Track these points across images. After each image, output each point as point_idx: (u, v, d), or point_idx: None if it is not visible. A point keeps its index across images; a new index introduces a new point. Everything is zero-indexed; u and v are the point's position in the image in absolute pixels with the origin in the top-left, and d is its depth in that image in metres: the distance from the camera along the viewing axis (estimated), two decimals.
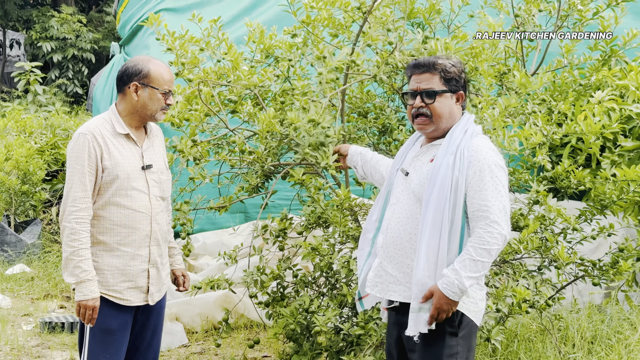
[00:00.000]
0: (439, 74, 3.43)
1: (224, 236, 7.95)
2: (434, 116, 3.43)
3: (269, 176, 5.32)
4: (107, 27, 22.67)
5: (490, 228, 3.22)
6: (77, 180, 3.74)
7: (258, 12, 8.94)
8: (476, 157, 3.30)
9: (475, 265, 3.22)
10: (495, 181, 3.27)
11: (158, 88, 3.86)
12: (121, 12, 10.71)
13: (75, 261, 3.70)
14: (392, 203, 3.55)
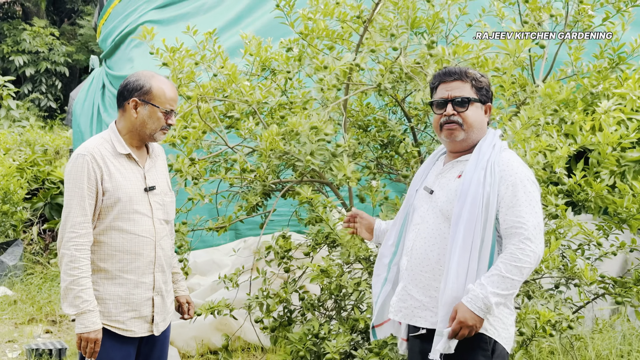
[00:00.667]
0: (470, 82, 3.30)
1: (215, 254, 7.73)
2: (466, 124, 3.27)
3: (267, 194, 5.14)
4: (80, 40, 22.37)
5: (524, 245, 3.06)
6: (76, 204, 3.51)
7: (246, 22, 8.76)
8: (508, 171, 3.15)
9: (503, 282, 3.04)
10: (529, 197, 3.12)
11: (159, 106, 3.63)
12: (102, 25, 10.46)
13: (75, 291, 3.47)
14: (416, 223, 3.37)
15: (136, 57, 9.06)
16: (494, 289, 3.03)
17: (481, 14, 5.65)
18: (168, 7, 9.50)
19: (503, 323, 3.20)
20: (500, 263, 3.06)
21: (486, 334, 3.15)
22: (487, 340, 3.15)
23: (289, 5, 5.00)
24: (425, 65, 4.66)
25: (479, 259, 3.12)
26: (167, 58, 4.84)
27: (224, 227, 4.98)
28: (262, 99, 4.69)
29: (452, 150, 3.38)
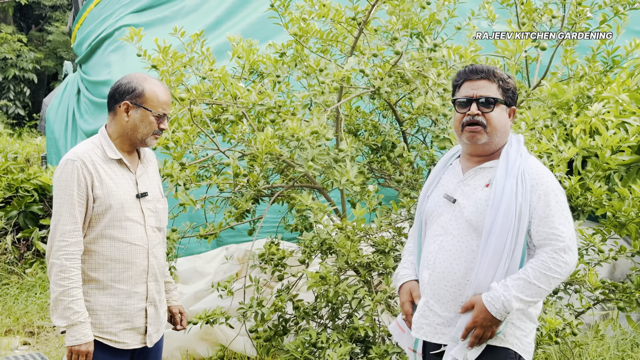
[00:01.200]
0: (497, 83, 3.14)
1: (196, 262, 7.58)
2: (490, 126, 3.11)
3: (257, 200, 5.03)
4: (49, 46, 22.10)
5: (557, 255, 2.93)
6: (65, 211, 3.36)
7: (226, 26, 8.67)
8: (538, 180, 3.03)
9: (529, 288, 2.91)
10: (561, 206, 3.00)
11: (151, 110, 3.49)
12: (77, 30, 10.28)
13: (65, 302, 3.32)
14: (437, 234, 3.18)
15: (114, 62, 8.91)
16: (518, 294, 2.91)
17: (470, 17, 5.60)
18: (146, 11, 9.37)
19: (527, 336, 3.08)
20: (530, 268, 2.93)
21: (512, 348, 3.02)
22: (513, 355, 3.03)
23: (283, 6, 4.88)
24: (425, 69, 4.58)
25: (505, 272, 2.98)
26: (157, 60, 4.69)
27: (214, 234, 4.84)
28: (258, 101, 4.56)
29: (471, 154, 3.22)
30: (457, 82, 3.25)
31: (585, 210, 4.58)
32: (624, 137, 4.56)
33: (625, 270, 6.46)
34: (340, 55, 5.36)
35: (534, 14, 5.07)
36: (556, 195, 3.01)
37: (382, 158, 5.26)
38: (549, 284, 2.93)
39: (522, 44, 4.10)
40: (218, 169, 5.30)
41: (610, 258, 4.53)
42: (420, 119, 5.43)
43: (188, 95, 4.65)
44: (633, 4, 4.90)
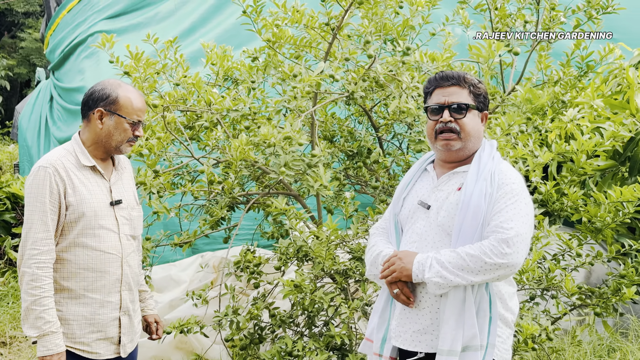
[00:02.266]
0: (468, 88, 3.15)
1: (171, 270, 7.52)
2: (463, 132, 3.11)
3: (232, 207, 4.99)
4: (21, 53, 21.91)
5: (497, 244, 2.88)
6: (37, 219, 3.30)
7: (200, 33, 8.64)
8: (505, 180, 3.02)
9: (457, 261, 2.89)
10: (519, 207, 2.96)
11: (125, 117, 3.44)
12: (50, 36, 10.18)
13: (37, 311, 3.26)
14: (412, 241, 3.17)
15: (87, 68, 8.84)
16: (445, 261, 2.91)
17: (445, 23, 5.60)
18: (119, 18, 9.31)
19: (504, 342, 3.07)
20: (467, 246, 2.92)
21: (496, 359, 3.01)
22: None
23: (255, 12, 4.85)
24: (399, 73, 4.56)
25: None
26: (129, 66, 4.64)
27: (189, 242, 4.79)
28: (232, 107, 4.52)
29: (445, 160, 3.21)
30: (428, 90, 3.24)
31: (561, 215, 4.58)
32: (599, 141, 4.56)
33: (601, 275, 6.48)
34: (315, 61, 5.34)
35: (508, 19, 5.08)
36: (517, 196, 2.98)
37: (358, 164, 5.24)
38: (477, 267, 2.88)
39: (495, 49, 4.09)
40: (193, 177, 5.25)
41: (587, 263, 4.53)
42: (396, 124, 5.43)
43: (161, 102, 4.60)
44: (606, 8, 4.92)
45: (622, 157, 5.94)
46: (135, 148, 4.44)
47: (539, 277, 4.23)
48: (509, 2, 5.17)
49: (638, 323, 5.87)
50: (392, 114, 4.76)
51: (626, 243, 4.71)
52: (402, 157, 5.10)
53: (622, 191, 4.41)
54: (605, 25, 5.23)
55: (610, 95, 6.53)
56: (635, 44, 7.47)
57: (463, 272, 2.88)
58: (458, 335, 2.94)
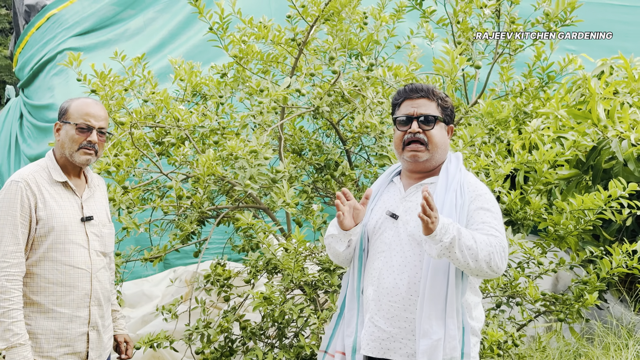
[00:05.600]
0: (436, 101, 3.20)
1: (144, 286, 7.52)
2: (431, 144, 3.16)
3: (202, 222, 5.02)
4: None
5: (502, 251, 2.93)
6: (7, 232, 3.34)
7: (169, 49, 8.66)
8: (478, 192, 3.10)
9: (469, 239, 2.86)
10: (498, 218, 3.06)
11: (71, 122, 3.48)
12: (19, 53, 10.15)
13: (5, 323, 3.28)
14: (381, 251, 3.20)
15: (56, 85, 8.82)
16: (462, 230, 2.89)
17: (409, 36, 5.69)
18: (89, 35, 9.31)
19: (474, 352, 3.11)
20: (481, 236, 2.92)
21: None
22: None
23: (222, 29, 4.90)
24: (363, 88, 4.64)
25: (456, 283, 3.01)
26: (96, 84, 4.68)
27: (160, 257, 4.82)
28: (199, 123, 4.56)
29: (412, 171, 3.25)
30: (397, 101, 3.28)
31: (525, 224, 4.66)
32: (560, 151, 4.65)
33: (568, 282, 6.59)
34: (282, 76, 5.40)
35: (470, 33, 5.18)
36: (493, 207, 3.08)
37: (326, 177, 5.29)
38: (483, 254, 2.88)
39: (458, 64, 4.17)
40: (162, 192, 5.28)
41: (550, 270, 4.61)
42: (364, 137, 5.49)
43: (129, 118, 4.63)
44: (564, 20, 5.03)
45: (585, 166, 6.04)
46: (102, 165, 4.45)
47: (504, 285, 4.30)
48: (471, 16, 5.26)
49: (603, 328, 5.96)
50: (359, 128, 4.83)
51: (589, 250, 4.80)
52: (370, 170, 5.16)
53: (584, 199, 4.50)
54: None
55: (574, 106, 6.63)
56: (597, 54, 7.61)
57: (470, 250, 2.87)
58: (439, 346, 2.97)
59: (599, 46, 8.13)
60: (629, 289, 6.68)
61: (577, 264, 4.67)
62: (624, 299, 6.56)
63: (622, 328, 5.92)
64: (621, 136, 5.62)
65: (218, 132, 4.90)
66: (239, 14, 4.99)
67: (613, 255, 4.62)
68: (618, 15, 8.77)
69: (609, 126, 5.60)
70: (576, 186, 6.03)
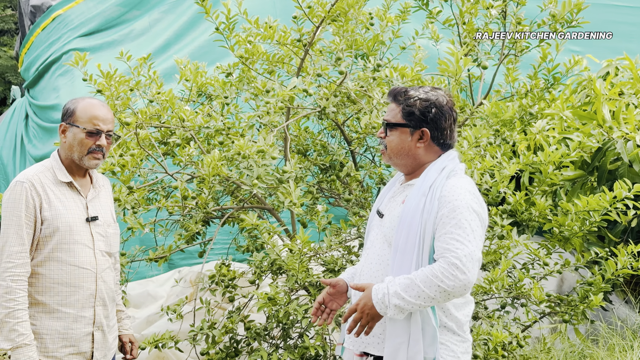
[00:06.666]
0: (400, 106, 3.15)
1: (149, 286, 7.52)
2: (388, 149, 3.17)
3: (207, 222, 5.02)
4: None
5: (447, 267, 2.84)
6: (13, 233, 3.34)
7: (174, 49, 8.67)
8: (448, 197, 2.96)
9: (412, 288, 2.85)
10: (465, 225, 2.92)
11: (80, 126, 3.47)
12: (24, 54, 10.16)
13: (11, 324, 3.29)
14: (367, 248, 3.26)
15: (62, 85, 8.83)
16: (399, 290, 2.88)
17: (415, 37, 5.68)
18: (94, 35, 9.32)
19: (452, 351, 3.04)
20: (419, 271, 2.89)
21: None
22: None
23: (228, 29, 4.91)
24: (370, 89, 4.64)
25: None
26: (102, 84, 4.68)
27: (165, 257, 4.82)
28: (205, 123, 4.57)
29: (402, 172, 3.28)
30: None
31: (530, 225, 4.65)
32: (565, 152, 4.65)
33: (573, 283, 6.58)
34: (287, 77, 5.40)
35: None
36: (462, 214, 2.94)
37: (331, 178, 5.29)
38: (433, 291, 2.86)
39: (462, 64, 4.17)
40: (167, 192, 5.28)
41: (555, 271, 4.60)
42: (369, 138, 5.49)
43: (134, 119, 4.63)
44: (570, 22, 5.03)
45: (590, 167, 6.03)
46: (108, 166, 4.46)
47: (509, 286, 4.30)
48: (477, 17, 5.26)
49: (608, 330, 5.95)
50: (364, 128, 4.83)
51: (594, 251, 4.80)
52: (375, 170, 5.17)
53: (589, 200, 4.49)
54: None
55: (579, 107, 6.63)
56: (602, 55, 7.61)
57: (420, 299, 2.87)
58: (402, 349, 2.98)
59: (602, 47, 8.14)
60: (634, 290, 6.67)
61: (582, 265, 4.66)
62: (629, 300, 6.55)
63: (627, 329, 5.91)
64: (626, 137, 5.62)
65: (223, 133, 4.90)
66: (244, 14, 4.99)
67: (618, 257, 4.62)
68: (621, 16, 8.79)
69: (614, 127, 5.61)
70: (581, 187, 6.03)
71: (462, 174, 3.11)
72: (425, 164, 3.15)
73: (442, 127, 3.14)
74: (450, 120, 3.16)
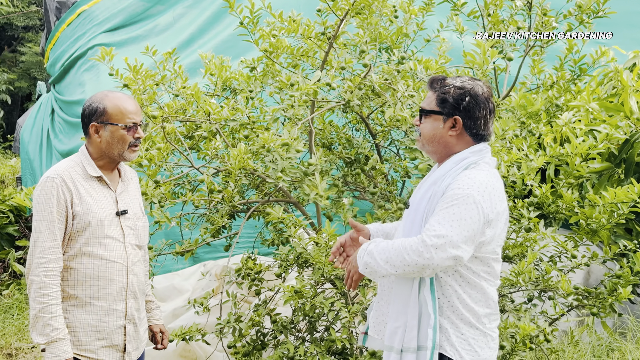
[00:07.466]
0: (436, 93, 3.13)
1: (174, 280, 7.57)
2: (422, 136, 3.16)
3: (233, 216, 5.04)
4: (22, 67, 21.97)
5: (418, 242, 2.84)
6: (45, 228, 3.37)
7: (198, 44, 8.71)
8: (453, 186, 2.94)
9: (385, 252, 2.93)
10: (455, 211, 2.87)
11: (118, 123, 3.50)
12: (50, 50, 10.24)
13: (45, 319, 3.32)
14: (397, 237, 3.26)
15: (87, 81, 8.89)
16: (374, 250, 2.98)
17: (439, 29, 5.67)
18: (119, 30, 9.38)
19: (469, 344, 3.00)
20: (397, 241, 2.94)
21: (445, 354, 2.99)
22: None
23: (252, 23, 4.92)
24: (394, 82, 4.63)
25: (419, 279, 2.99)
26: (128, 79, 4.72)
27: (191, 250, 4.85)
28: (231, 117, 4.59)
29: (434, 160, 3.25)
30: None
31: (557, 217, 4.63)
32: (592, 144, 4.62)
33: (600, 276, 6.54)
34: (312, 70, 5.41)
35: (501, 25, 5.15)
36: (458, 201, 2.89)
37: (356, 171, 5.29)
38: (398, 261, 2.89)
39: (489, 56, 4.15)
40: (193, 186, 5.31)
41: (583, 264, 4.58)
42: (393, 131, 5.49)
43: (161, 113, 4.66)
44: (597, 12, 4.99)
45: (617, 159, 6.00)
46: (136, 159, 4.50)
47: (536, 279, 4.28)
48: (502, 9, 5.23)
49: (636, 323, 5.92)
50: (389, 121, 4.83)
51: (622, 244, 4.77)
52: (400, 164, 5.16)
53: (617, 192, 4.46)
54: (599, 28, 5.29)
55: (606, 98, 6.59)
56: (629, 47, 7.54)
57: (387, 264, 2.91)
58: (399, 334, 3.02)
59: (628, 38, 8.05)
60: None
61: (609, 258, 4.64)
62: None
63: None
64: None
65: (248, 127, 4.92)
66: (269, 8, 5.00)
67: None
68: None
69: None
70: (608, 179, 6.00)
71: (483, 167, 3.04)
72: (455, 154, 3.11)
73: (475, 116, 3.08)
74: (485, 111, 3.10)
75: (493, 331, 3.10)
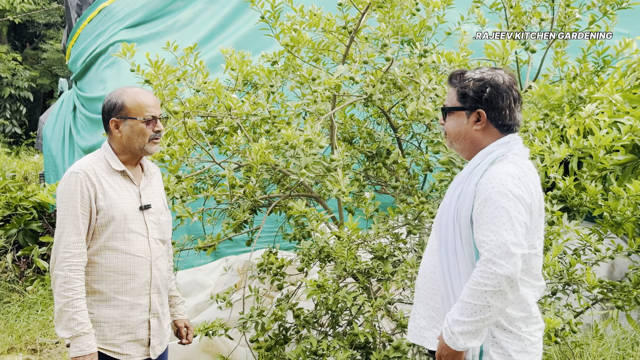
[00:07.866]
0: (456, 89, 3.08)
1: (196, 275, 7.59)
2: (448, 134, 3.12)
3: (254, 210, 5.04)
4: (43, 64, 22.12)
5: (483, 267, 2.76)
6: (69, 223, 3.39)
7: (219, 39, 8.70)
8: (484, 186, 2.87)
9: (465, 308, 2.79)
10: (496, 213, 2.80)
11: (137, 117, 3.52)
12: (71, 47, 10.29)
13: (69, 313, 3.34)
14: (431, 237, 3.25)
15: (108, 77, 8.92)
16: (457, 317, 2.83)
17: (460, 22, 5.63)
18: (139, 27, 9.40)
19: (500, 347, 2.95)
20: (466, 287, 2.83)
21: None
22: None
23: (274, 17, 4.92)
24: (416, 75, 4.61)
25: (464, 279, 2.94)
26: (149, 74, 4.73)
27: (213, 245, 4.86)
28: (252, 111, 4.59)
29: (464, 158, 3.20)
30: None
31: (581, 210, 4.59)
32: (616, 136, 4.57)
33: (624, 269, 6.48)
34: (333, 64, 5.40)
35: (523, 17, 5.11)
36: (497, 201, 2.83)
37: (377, 165, 5.28)
38: (483, 299, 2.79)
39: (509, 47, 4.11)
40: (215, 181, 5.32)
41: (607, 257, 4.54)
42: (415, 125, 5.46)
43: (182, 108, 4.67)
44: (621, 3, 4.94)
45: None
46: (157, 154, 4.51)
47: (560, 272, 4.25)
48: (524, 0, 5.19)
49: None
50: (410, 115, 4.81)
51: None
52: (422, 157, 5.14)
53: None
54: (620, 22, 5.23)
55: (629, 90, 6.52)
56: None
57: (477, 314, 2.80)
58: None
59: None
60: None
61: (634, 251, 4.59)
62: None
63: None
64: None
65: (269, 121, 4.92)
66: (289, 2, 5.00)
67: None
68: None
69: None
70: (632, 171, 5.94)
71: (512, 159, 2.96)
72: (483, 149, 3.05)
73: (499, 107, 3.01)
74: (509, 99, 3.02)
75: (532, 335, 3.01)
